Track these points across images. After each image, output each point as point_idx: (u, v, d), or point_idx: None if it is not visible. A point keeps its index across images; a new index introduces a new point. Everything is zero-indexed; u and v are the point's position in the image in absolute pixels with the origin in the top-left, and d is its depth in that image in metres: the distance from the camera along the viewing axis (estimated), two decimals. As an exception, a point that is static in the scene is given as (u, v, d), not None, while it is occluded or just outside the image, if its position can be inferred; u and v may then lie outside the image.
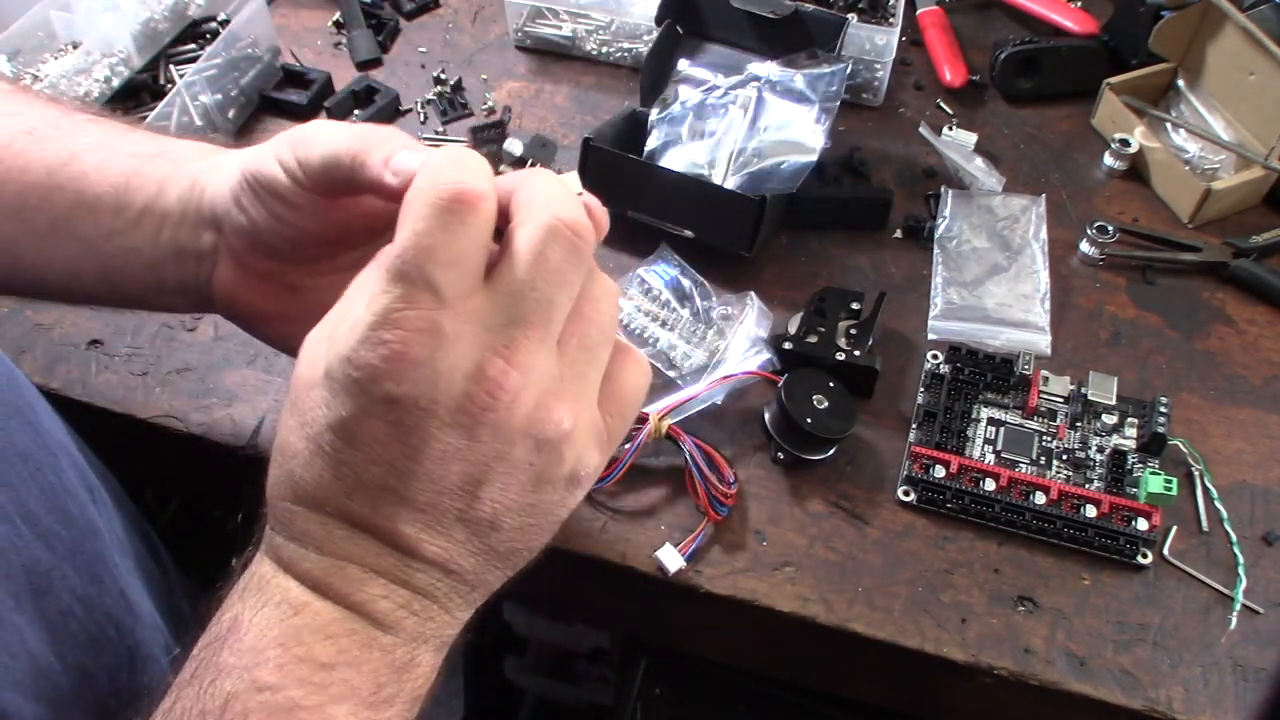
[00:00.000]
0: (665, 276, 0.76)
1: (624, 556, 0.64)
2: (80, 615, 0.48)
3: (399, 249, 0.39)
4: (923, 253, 0.81)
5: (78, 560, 0.49)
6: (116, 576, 0.52)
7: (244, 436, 0.69)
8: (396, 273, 0.38)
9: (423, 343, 0.38)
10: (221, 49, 0.86)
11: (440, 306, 0.38)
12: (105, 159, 0.55)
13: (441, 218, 0.38)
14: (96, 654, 0.49)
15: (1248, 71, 0.85)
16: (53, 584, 0.47)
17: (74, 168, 0.54)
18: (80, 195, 0.54)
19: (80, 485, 0.52)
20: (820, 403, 0.67)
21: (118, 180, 0.54)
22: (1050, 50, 0.92)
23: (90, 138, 0.56)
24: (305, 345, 0.42)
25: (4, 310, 0.75)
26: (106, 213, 0.54)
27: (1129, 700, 0.60)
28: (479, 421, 0.39)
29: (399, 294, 0.38)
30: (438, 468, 0.39)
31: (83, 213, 0.54)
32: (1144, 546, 0.65)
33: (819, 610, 0.62)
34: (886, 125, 0.91)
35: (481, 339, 0.39)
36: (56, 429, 0.53)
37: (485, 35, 0.97)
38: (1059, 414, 0.71)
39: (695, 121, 0.82)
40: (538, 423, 0.40)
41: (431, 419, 0.39)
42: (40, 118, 0.56)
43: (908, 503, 0.67)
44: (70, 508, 0.50)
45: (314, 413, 0.40)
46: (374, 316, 0.38)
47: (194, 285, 0.55)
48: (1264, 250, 0.81)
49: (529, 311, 0.40)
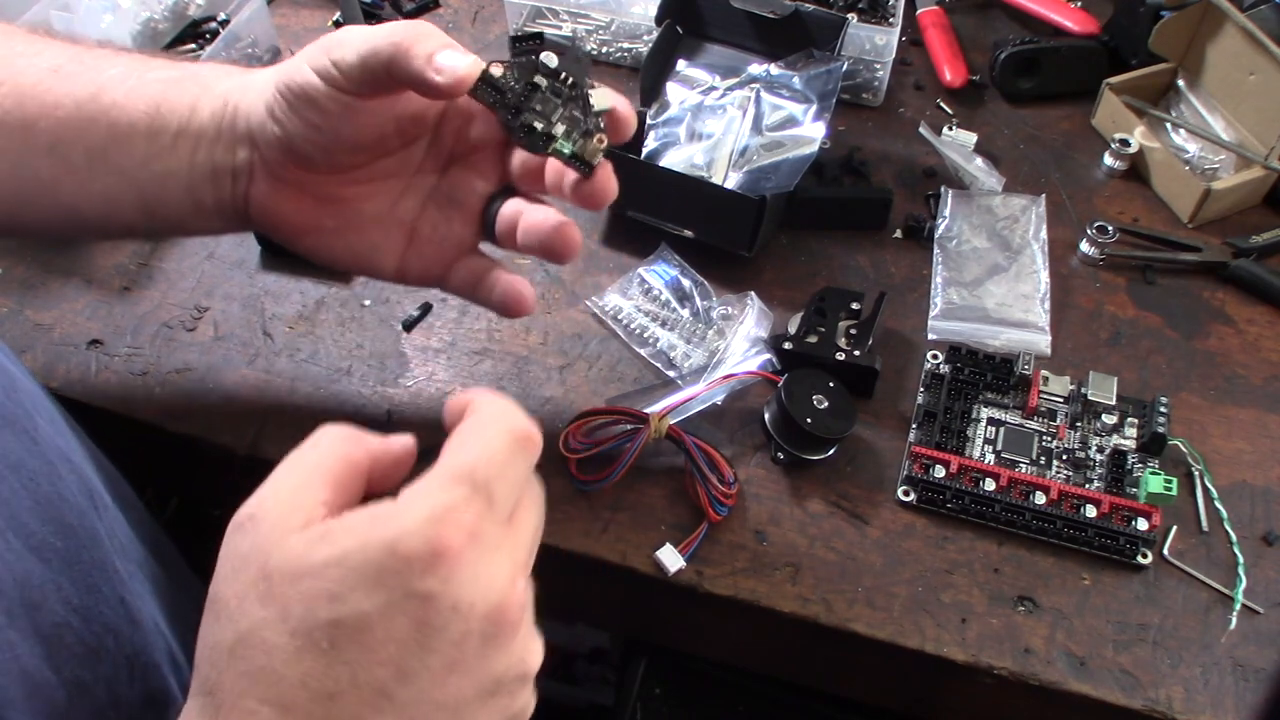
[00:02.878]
0: (665, 276, 0.77)
1: (624, 556, 0.64)
2: (76, 627, 0.48)
3: (473, 457, 0.38)
4: (923, 253, 0.81)
5: (74, 571, 0.48)
6: (116, 584, 0.51)
7: (244, 437, 0.69)
8: (465, 477, 0.38)
9: (474, 546, 0.37)
10: (221, 49, 0.86)
11: (493, 518, 0.38)
12: (134, 88, 0.55)
13: (513, 447, 0.40)
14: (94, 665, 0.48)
15: (1248, 71, 0.85)
16: (47, 597, 0.46)
17: (104, 99, 0.55)
18: (113, 126, 0.54)
19: (80, 493, 0.52)
20: (820, 403, 0.67)
21: (148, 107, 0.55)
22: (1050, 50, 0.92)
23: (115, 69, 0.56)
24: (265, 536, 0.38)
25: (4, 310, 0.75)
26: (141, 140, 0.55)
27: (1129, 700, 0.60)
28: (500, 635, 0.38)
29: (462, 495, 0.38)
30: (441, 677, 0.37)
31: (117, 143, 0.55)
32: (1144, 546, 0.65)
33: (819, 610, 0.62)
34: (886, 125, 0.91)
35: (513, 557, 0.39)
36: (57, 435, 0.53)
37: (485, 35, 0.97)
38: (1059, 414, 0.71)
39: (694, 122, 0.82)
40: (530, 655, 0.41)
41: (459, 623, 0.37)
42: (64, 55, 0.57)
43: (908, 503, 0.67)
44: (67, 517, 0.49)
45: (309, 605, 0.36)
46: (430, 510, 0.37)
47: (231, 203, 0.56)
48: (1264, 250, 0.81)
49: (534, 543, 0.42)
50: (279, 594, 0.37)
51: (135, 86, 0.55)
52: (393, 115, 0.53)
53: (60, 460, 0.51)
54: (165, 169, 0.55)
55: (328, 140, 0.53)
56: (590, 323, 0.76)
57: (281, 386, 0.71)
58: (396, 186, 0.58)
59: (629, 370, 0.73)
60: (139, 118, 0.55)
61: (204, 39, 0.91)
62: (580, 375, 0.73)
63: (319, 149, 0.53)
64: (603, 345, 0.75)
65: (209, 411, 0.70)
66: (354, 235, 0.57)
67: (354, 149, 0.54)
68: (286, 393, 0.71)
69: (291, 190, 0.55)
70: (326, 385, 0.71)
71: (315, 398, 0.71)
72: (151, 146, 0.55)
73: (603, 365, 0.73)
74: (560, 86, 0.52)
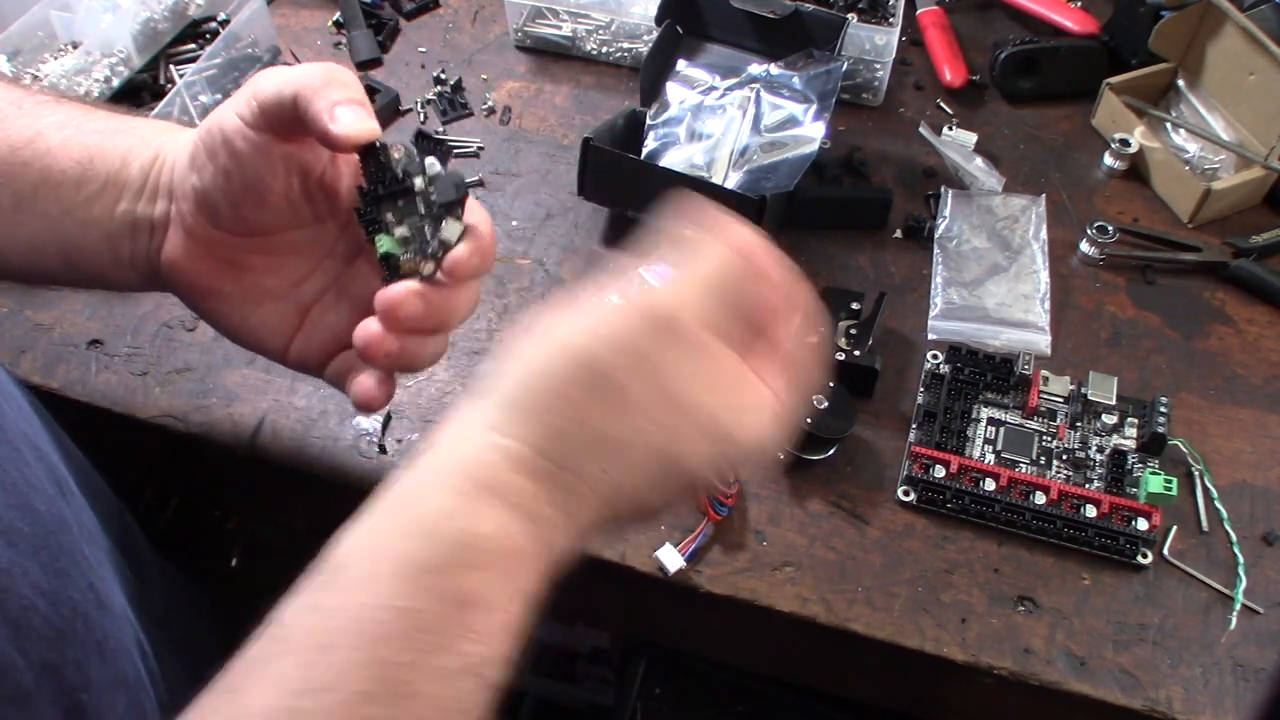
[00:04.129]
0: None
1: (624, 556, 0.64)
2: (44, 610, 0.48)
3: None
4: (923, 253, 0.81)
5: (42, 555, 0.49)
6: (85, 570, 0.52)
7: (244, 436, 0.69)
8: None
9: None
10: (221, 49, 0.86)
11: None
12: (70, 136, 0.55)
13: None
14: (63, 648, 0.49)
15: (1248, 71, 0.85)
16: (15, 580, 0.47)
17: (38, 145, 0.55)
18: (45, 172, 0.54)
19: (47, 479, 0.52)
20: (820, 403, 0.67)
21: (82, 156, 0.55)
22: (1050, 50, 0.92)
23: (54, 116, 0.56)
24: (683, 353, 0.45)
25: (4, 310, 0.75)
26: (70, 188, 0.54)
27: (1129, 700, 0.60)
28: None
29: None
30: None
31: (47, 189, 0.54)
32: (1144, 546, 0.65)
33: (819, 610, 0.62)
34: (886, 125, 0.91)
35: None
36: (21, 421, 0.53)
37: (485, 35, 0.97)
38: (1059, 414, 0.71)
39: (694, 122, 0.82)
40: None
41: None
42: (2, 99, 0.57)
43: (908, 503, 0.67)
44: (34, 503, 0.50)
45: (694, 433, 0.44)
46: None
47: (145, 256, 0.56)
48: (1264, 250, 0.81)
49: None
50: (672, 425, 0.44)
51: (72, 135, 0.55)
52: (299, 166, 0.53)
53: (27, 447, 0.52)
54: (88, 217, 0.55)
55: (236, 189, 0.52)
56: (590, 323, 0.75)
57: (281, 386, 0.71)
58: (302, 265, 0.57)
59: (629, 370, 0.73)
60: (70, 166, 0.55)
61: (204, 39, 0.91)
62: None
63: (228, 200, 0.53)
64: (603, 345, 0.74)
65: (209, 411, 0.70)
66: (250, 307, 0.57)
67: (260, 203, 0.54)
68: (286, 393, 0.71)
69: (200, 249, 0.55)
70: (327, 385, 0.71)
71: (315, 398, 0.71)
72: (78, 195, 0.55)
73: (603, 365, 0.73)
74: (428, 199, 0.51)
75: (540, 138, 0.89)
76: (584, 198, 0.80)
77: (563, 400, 0.43)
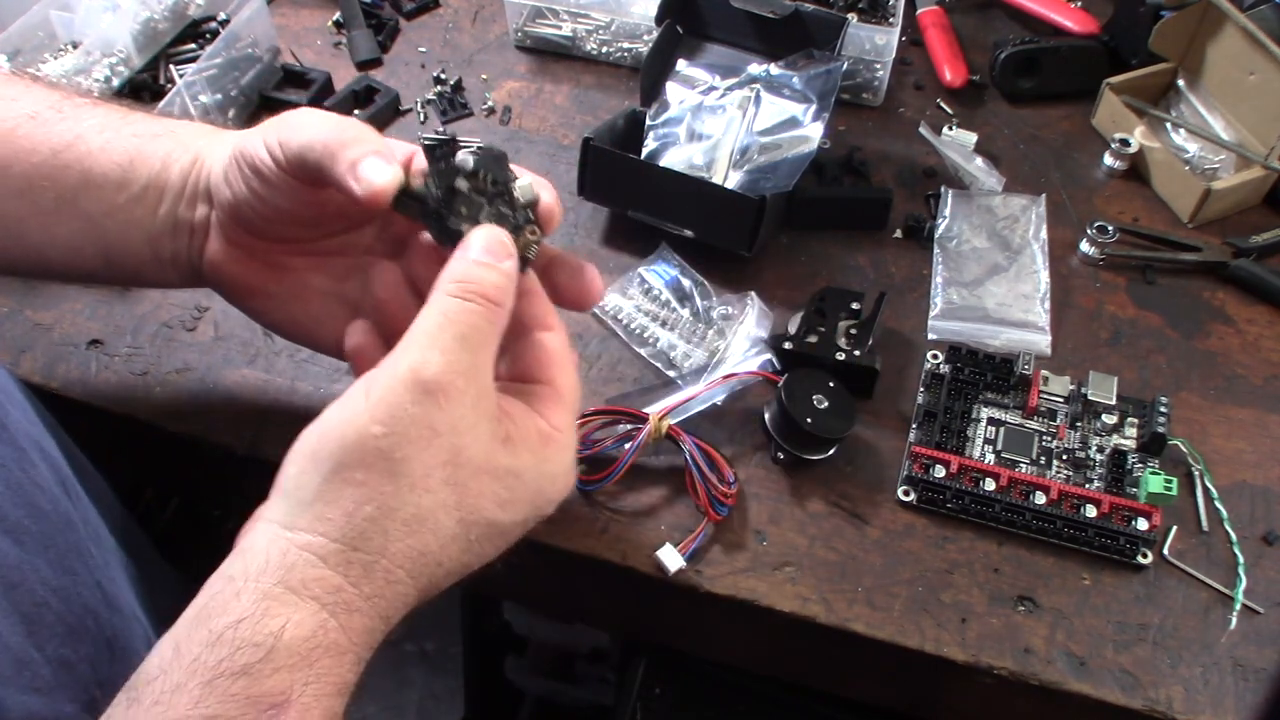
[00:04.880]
0: (665, 276, 0.77)
1: (624, 556, 0.64)
2: (56, 607, 0.49)
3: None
4: (923, 253, 0.81)
5: (50, 554, 0.50)
6: (92, 569, 0.53)
7: (244, 436, 0.69)
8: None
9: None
10: (221, 49, 0.86)
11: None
12: (110, 139, 0.57)
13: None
14: (76, 645, 0.50)
15: (1248, 71, 0.85)
16: (25, 577, 0.48)
17: (79, 148, 0.56)
18: (86, 173, 0.56)
19: (53, 480, 0.53)
20: (820, 403, 0.67)
21: (122, 158, 0.56)
22: (1050, 50, 0.92)
23: (93, 120, 0.58)
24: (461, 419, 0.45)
25: (4, 310, 0.75)
26: (111, 189, 0.56)
27: (1129, 700, 0.60)
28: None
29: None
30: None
31: (88, 190, 0.56)
32: (1144, 546, 0.65)
33: (819, 610, 0.62)
34: (886, 125, 0.91)
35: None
36: (26, 422, 0.54)
37: (485, 35, 0.97)
38: (1059, 414, 0.71)
39: (694, 122, 0.82)
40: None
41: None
42: (42, 102, 0.58)
43: (908, 503, 0.67)
44: (41, 502, 0.51)
45: (480, 502, 0.46)
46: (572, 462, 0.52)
47: (186, 258, 0.57)
48: (1264, 250, 0.81)
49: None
50: (462, 482, 0.45)
51: (111, 139, 0.57)
52: (334, 202, 0.54)
53: (32, 448, 0.52)
54: (130, 219, 0.56)
55: (270, 211, 0.54)
56: (590, 322, 0.75)
57: (281, 386, 0.71)
58: (343, 264, 0.59)
59: (629, 370, 0.73)
60: (112, 168, 0.56)
61: (204, 39, 0.91)
62: (580, 375, 0.72)
63: (262, 218, 0.54)
64: (603, 345, 0.75)
65: (209, 411, 0.70)
66: (298, 305, 0.58)
67: (294, 224, 0.55)
68: (286, 392, 0.71)
69: (242, 252, 0.57)
70: (327, 385, 0.71)
71: (315, 398, 0.71)
72: (120, 197, 0.56)
73: (603, 365, 0.73)
74: (483, 185, 0.51)
75: (540, 138, 0.89)
76: (584, 198, 0.80)
77: (349, 485, 0.43)
